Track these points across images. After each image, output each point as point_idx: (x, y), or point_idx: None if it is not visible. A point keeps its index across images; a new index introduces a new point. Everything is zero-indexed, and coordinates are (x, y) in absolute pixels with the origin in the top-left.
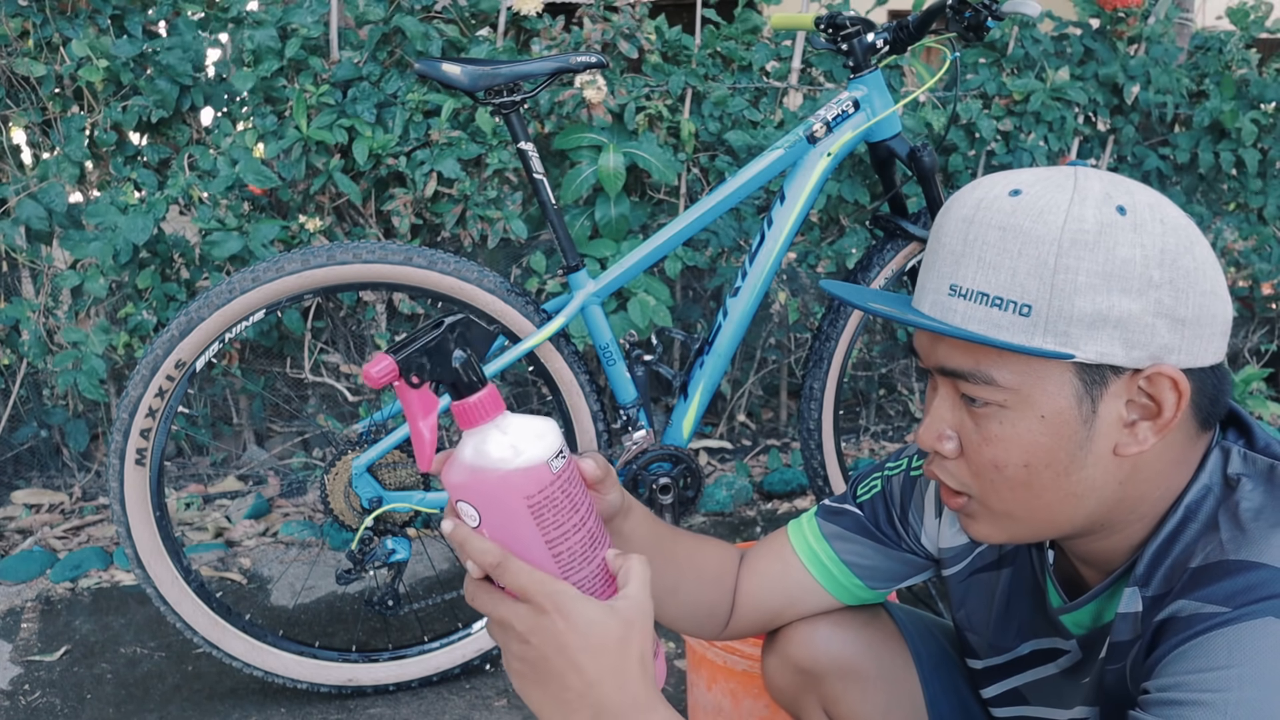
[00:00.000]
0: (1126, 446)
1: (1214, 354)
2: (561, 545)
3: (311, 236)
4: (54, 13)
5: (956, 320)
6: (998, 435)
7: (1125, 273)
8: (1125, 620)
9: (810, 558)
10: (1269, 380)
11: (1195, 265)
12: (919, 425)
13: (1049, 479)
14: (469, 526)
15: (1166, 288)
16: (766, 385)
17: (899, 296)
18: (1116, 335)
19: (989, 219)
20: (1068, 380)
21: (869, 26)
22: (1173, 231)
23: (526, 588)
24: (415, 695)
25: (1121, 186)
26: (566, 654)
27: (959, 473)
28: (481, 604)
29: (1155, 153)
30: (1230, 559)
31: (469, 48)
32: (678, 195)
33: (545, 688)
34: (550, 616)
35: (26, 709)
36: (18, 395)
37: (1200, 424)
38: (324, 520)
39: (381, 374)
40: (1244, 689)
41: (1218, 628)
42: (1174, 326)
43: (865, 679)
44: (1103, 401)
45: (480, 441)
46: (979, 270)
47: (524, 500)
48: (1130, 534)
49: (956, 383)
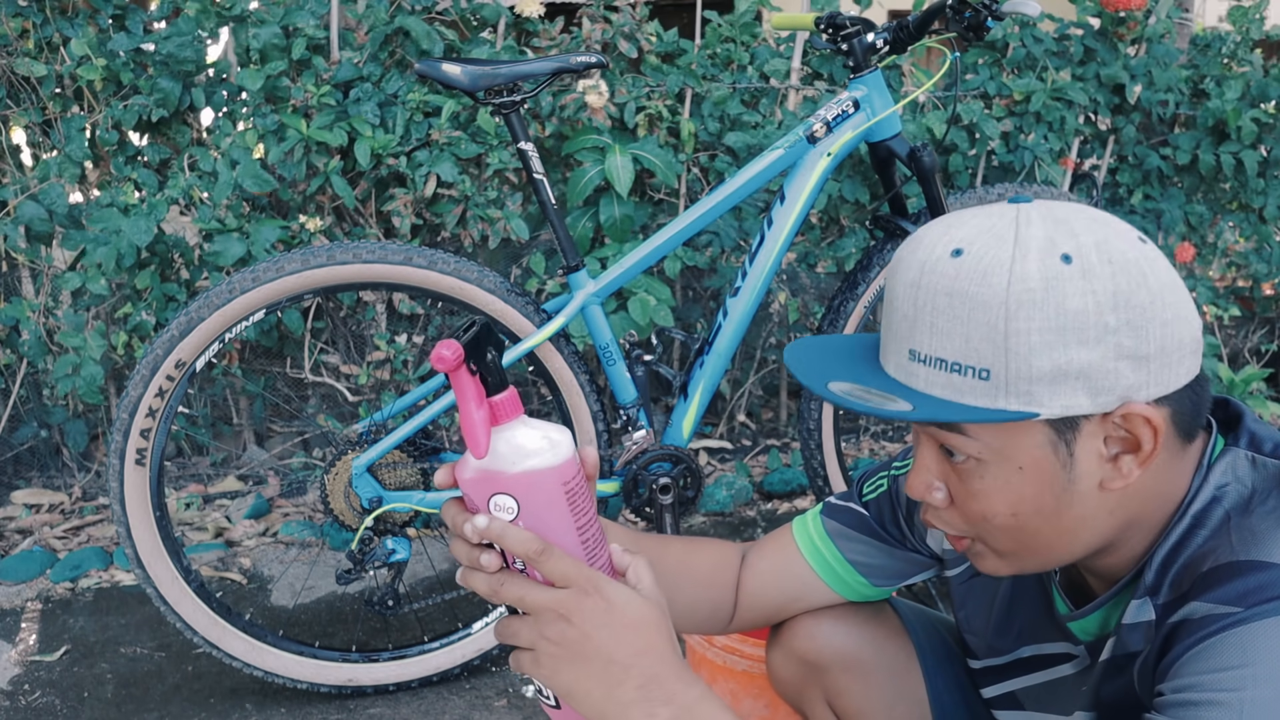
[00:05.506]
0: (1112, 481)
1: (1186, 374)
2: (588, 531)
3: (311, 237)
4: (54, 12)
5: (919, 385)
6: (980, 489)
7: (1079, 324)
8: (1135, 630)
9: (814, 555)
10: (1269, 380)
11: (1151, 299)
12: (909, 471)
13: (1040, 523)
14: (503, 519)
15: (1125, 330)
16: (766, 385)
17: (865, 351)
18: (1080, 386)
19: (935, 284)
20: (1039, 431)
21: (869, 26)
22: (1122, 270)
23: (569, 573)
24: (415, 695)
25: (1064, 229)
26: (611, 630)
27: (954, 520)
28: (511, 592)
29: (1156, 153)
30: (1241, 559)
31: (469, 48)
32: (678, 195)
33: (587, 666)
34: (593, 598)
35: (26, 709)
36: (18, 395)
37: (1185, 437)
38: (324, 520)
39: (455, 356)
40: (1258, 687)
41: (1230, 628)
42: (1138, 365)
43: (869, 672)
44: (1078, 444)
45: (513, 436)
46: (933, 337)
47: (562, 487)
48: (1134, 545)
49: (934, 434)
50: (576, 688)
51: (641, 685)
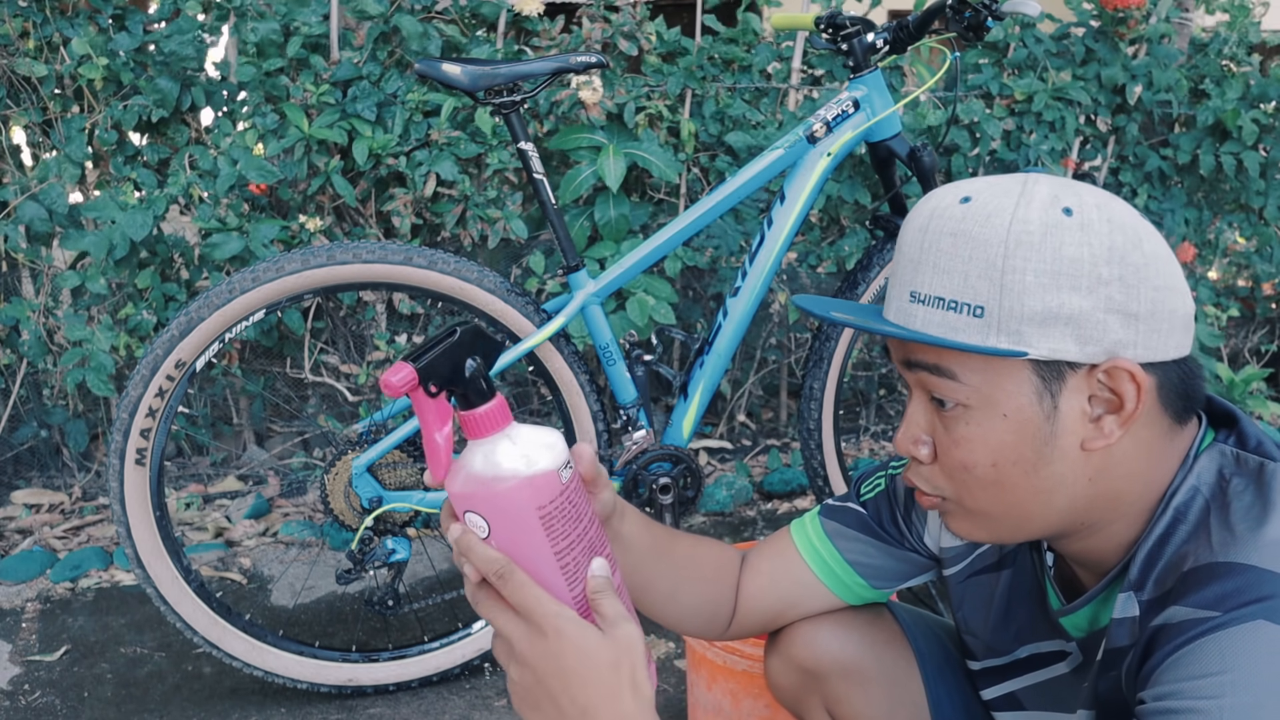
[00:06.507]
0: (1093, 441)
1: (1176, 348)
2: (568, 555)
3: (311, 236)
4: (54, 12)
5: (917, 325)
6: (965, 436)
7: (1073, 270)
8: (1122, 625)
9: (813, 556)
10: (1269, 380)
11: (1145, 261)
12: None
13: (1017, 476)
14: (476, 535)
15: (1116, 284)
16: (766, 385)
17: (868, 306)
18: (1069, 332)
19: (941, 226)
20: (1026, 378)
21: (869, 26)
22: (1120, 229)
23: (527, 605)
24: (415, 695)
25: (1070, 189)
26: (561, 679)
27: (933, 478)
28: (484, 611)
29: (1157, 153)
30: (1219, 561)
31: (469, 48)
32: (678, 195)
33: (541, 711)
34: (548, 640)
35: (26, 709)
36: (18, 395)
37: (1173, 418)
38: (324, 520)
39: (402, 382)
40: (1237, 694)
41: (1209, 633)
42: (1127, 322)
43: (868, 679)
44: (1062, 397)
45: (490, 452)
46: (934, 276)
47: (536, 511)
48: (1116, 533)
49: (926, 382)
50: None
51: None
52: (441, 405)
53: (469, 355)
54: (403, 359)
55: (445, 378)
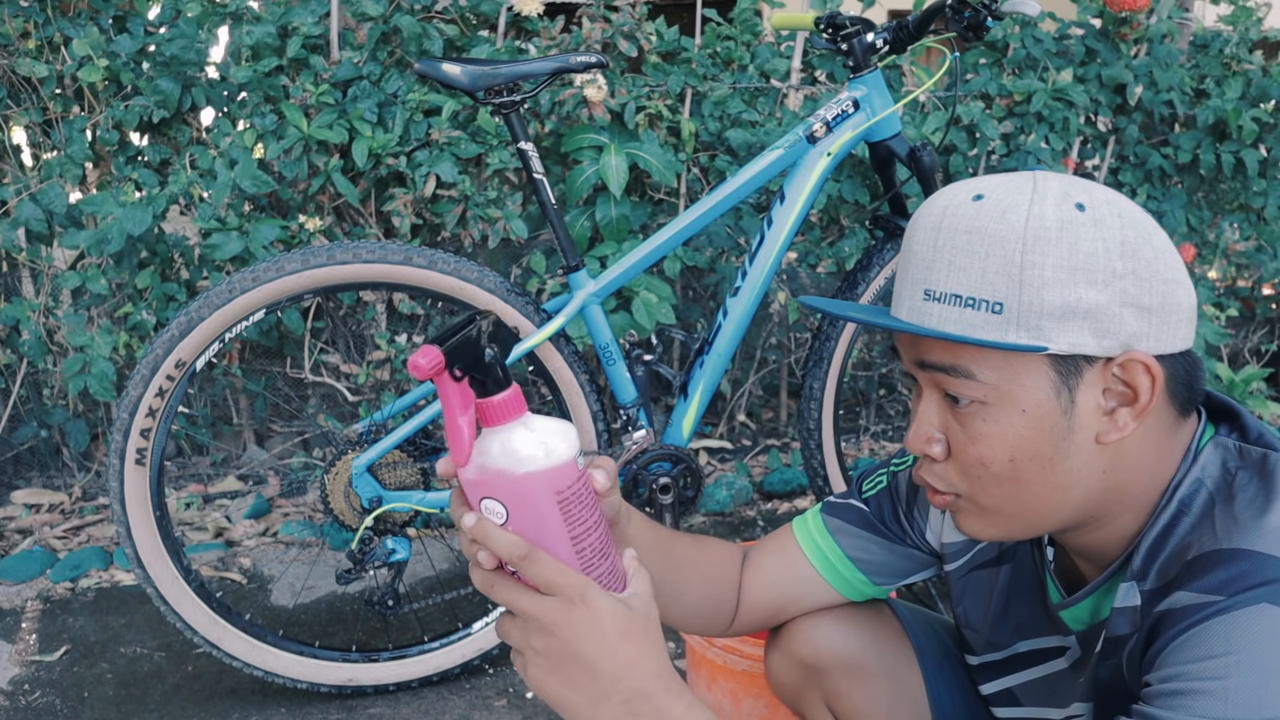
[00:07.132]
0: (1108, 434)
1: (1182, 340)
2: (584, 541)
3: (311, 236)
4: (55, 13)
5: (933, 323)
6: (982, 433)
7: (1089, 265)
8: (1123, 615)
9: (815, 553)
10: (1269, 380)
11: (1155, 254)
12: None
13: (1034, 472)
14: (492, 521)
15: (1130, 278)
16: (766, 385)
17: (876, 308)
18: (1086, 326)
19: (955, 224)
20: (1044, 373)
21: (869, 26)
22: (1130, 224)
23: (554, 580)
24: (415, 695)
25: (1078, 185)
26: (596, 642)
27: (946, 474)
28: (500, 595)
29: (1157, 152)
30: (1223, 548)
31: (469, 47)
32: (678, 195)
33: (571, 679)
34: (578, 608)
35: (26, 709)
36: (18, 395)
37: (1178, 410)
38: (324, 520)
39: (430, 365)
40: (1242, 675)
41: (1214, 616)
42: (1141, 314)
43: (869, 675)
44: (1079, 391)
45: (508, 439)
46: (950, 273)
47: (554, 496)
48: (1121, 525)
49: (940, 381)
50: (562, 700)
51: (627, 700)
52: (465, 390)
53: (488, 343)
54: (427, 343)
55: (468, 363)
